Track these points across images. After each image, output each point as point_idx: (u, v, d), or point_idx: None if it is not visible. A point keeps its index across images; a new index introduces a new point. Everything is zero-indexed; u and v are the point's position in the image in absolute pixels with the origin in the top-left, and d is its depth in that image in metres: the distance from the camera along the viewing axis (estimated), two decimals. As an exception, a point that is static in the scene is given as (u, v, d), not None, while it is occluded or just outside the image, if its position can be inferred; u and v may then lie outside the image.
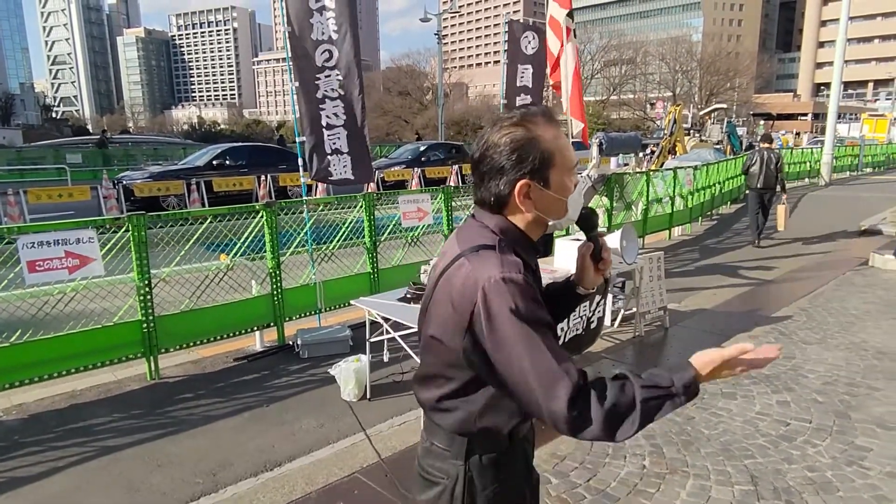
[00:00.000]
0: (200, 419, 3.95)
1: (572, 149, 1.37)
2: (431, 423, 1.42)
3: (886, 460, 3.20)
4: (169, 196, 12.64)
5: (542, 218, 1.36)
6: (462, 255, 1.29)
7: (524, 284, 1.21)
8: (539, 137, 1.30)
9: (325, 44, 4.85)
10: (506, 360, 1.21)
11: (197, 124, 78.45)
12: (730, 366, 1.22)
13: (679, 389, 1.18)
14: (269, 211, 4.97)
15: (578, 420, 1.15)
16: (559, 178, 1.32)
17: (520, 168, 1.29)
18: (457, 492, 1.36)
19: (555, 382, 1.16)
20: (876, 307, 6.06)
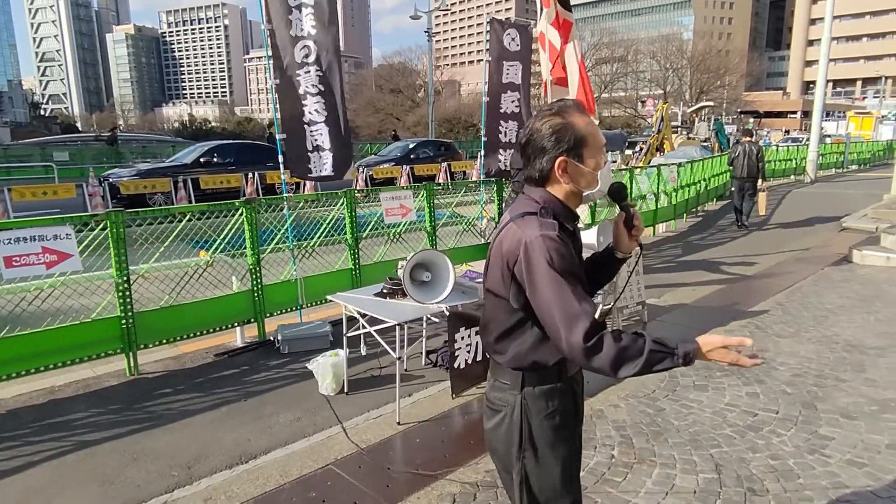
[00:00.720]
0: (178, 414, 3.99)
1: (601, 132, 1.67)
2: (495, 364, 1.76)
3: (847, 448, 3.28)
4: (156, 194, 12.62)
5: (578, 189, 1.66)
6: (511, 220, 1.64)
7: (557, 241, 1.53)
8: (573, 123, 1.62)
9: (304, 40, 4.88)
10: (540, 301, 1.54)
11: (188, 122, 77.97)
12: (726, 353, 1.47)
13: (679, 354, 1.46)
14: (249, 208, 5.00)
15: (592, 350, 1.46)
16: (591, 155, 1.63)
17: (558, 147, 1.61)
18: (514, 416, 1.69)
19: (576, 319, 1.48)
20: (851, 302, 6.17)
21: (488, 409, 1.79)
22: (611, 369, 1.47)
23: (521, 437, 1.69)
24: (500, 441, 1.75)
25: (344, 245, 5.94)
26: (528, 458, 1.71)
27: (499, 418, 1.74)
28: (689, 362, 1.48)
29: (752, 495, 2.89)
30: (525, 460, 1.71)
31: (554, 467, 1.72)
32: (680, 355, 1.46)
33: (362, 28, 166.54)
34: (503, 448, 1.75)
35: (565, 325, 1.49)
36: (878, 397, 3.88)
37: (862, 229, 10.54)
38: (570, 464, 1.76)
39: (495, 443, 1.77)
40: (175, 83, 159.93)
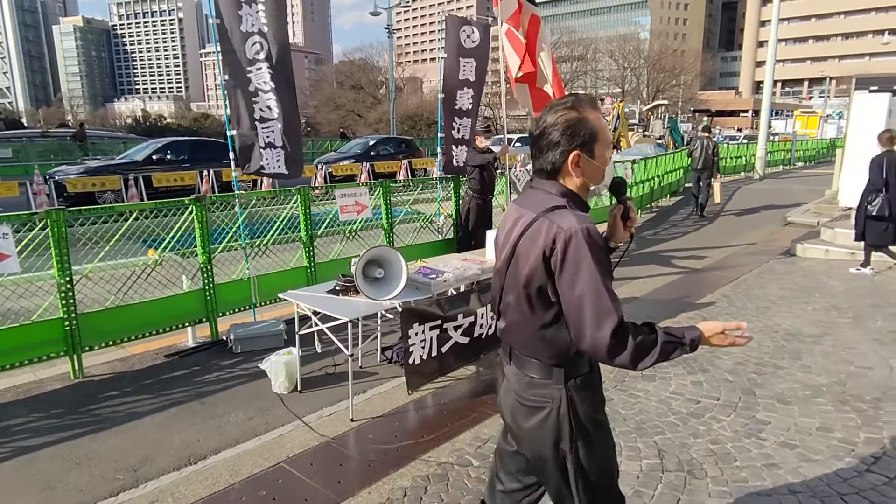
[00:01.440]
0: (125, 416, 3.90)
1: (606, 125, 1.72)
2: (528, 361, 1.75)
3: (781, 432, 3.44)
4: (105, 192, 12.21)
5: (587, 183, 1.70)
6: (538, 217, 1.63)
7: (598, 233, 1.58)
8: (587, 118, 1.65)
9: (256, 36, 4.80)
10: (573, 294, 1.56)
11: (141, 118, 75.47)
12: (724, 337, 1.61)
13: (687, 342, 1.58)
14: (199, 206, 4.91)
15: (616, 348, 1.52)
16: (601, 151, 1.68)
17: (573, 141, 1.64)
18: (562, 410, 1.70)
19: (606, 316, 1.52)
20: (791, 293, 6.44)
21: (525, 409, 1.75)
22: (630, 363, 1.54)
23: (571, 429, 1.70)
24: (547, 437, 1.72)
25: (299, 243, 5.89)
26: (581, 447, 1.72)
27: (543, 415, 1.72)
28: (695, 348, 1.60)
29: (691, 479, 3.00)
30: (579, 450, 1.72)
31: (606, 451, 1.80)
32: (688, 343, 1.58)
33: (322, 23, 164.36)
34: (550, 443, 1.72)
35: (594, 320, 1.52)
36: (812, 383, 4.08)
37: (805, 223, 11.01)
38: (612, 447, 1.84)
39: (540, 439, 1.74)
40: (127, 78, 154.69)
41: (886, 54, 60.79)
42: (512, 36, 7.05)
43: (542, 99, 7.39)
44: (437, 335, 4.05)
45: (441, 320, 4.06)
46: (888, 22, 70.10)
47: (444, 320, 4.07)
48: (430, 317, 3.98)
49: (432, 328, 4.01)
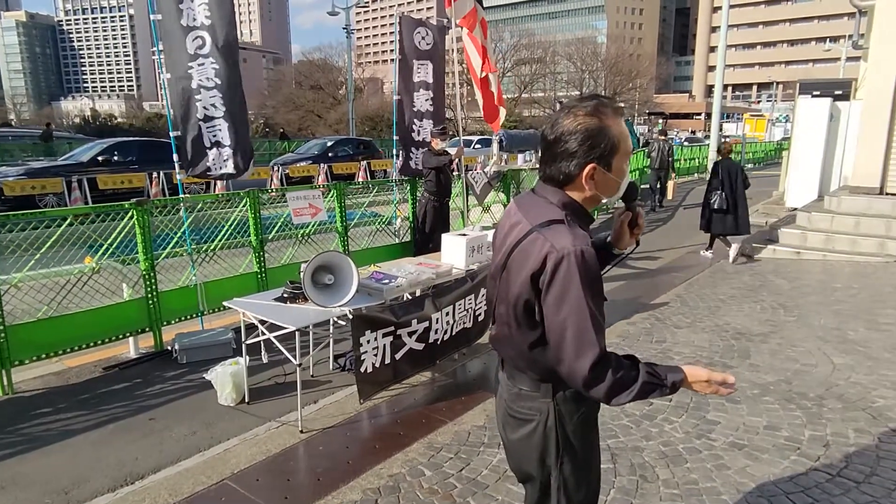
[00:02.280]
0: (57, 435, 3.67)
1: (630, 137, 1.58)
2: (517, 373, 1.68)
3: (730, 432, 3.49)
4: (46, 195, 11.63)
5: (599, 196, 1.57)
6: (533, 230, 1.51)
7: (592, 256, 1.45)
8: (609, 127, 1.50)
9: (197, 30, 4.61)
10: (557, 318, 1.46)
11: (90, 117, 72.64)
12: (706, 386, 1.52)
13: (668, 384, 1.49)
14: (141, 210, 4.69)
15: (594, 381, 1.44)
16: (620, 163, 1.55)
17: (590, 154, 1.50)
18: (549, 423, 1.63)
19: (587, 348, 1.43)
20: (741, 292, 6.60)
21: (513, 420, 1.71)
22: (605, 397, 1.46)
23: (558, 444, 1.64)
24: (533, 450, 1.68)
25: (249, 247, 5.70)
26: (566, 463, 1.67)
27: (530, 428, 1.66)
28: (675, 390, 1.52)
29: (643, 482, 3.00)
30: (563, 466, 1.67)
31: (591, 468, 1.73)
32: (668, 385, 1.49)
33: (281, 23, 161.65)
34: (536, 457, 1.68)
35: (575, 349, 1.45)
36: (759, 381, 4.16)
37: (754, 224, 11.34)
38: (598, 459, 1.78)
39: (526, 453, 1.70)
40: (75, 75, 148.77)
41: (828, 60, 63.49)
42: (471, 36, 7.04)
43: (489, 98, 7.40)
44: (390, 342, 3.96)
45: (394, 326, 3.96)
46: (830, 30, 73.36)
47: (397, 326, 3.98)
48: (383, 323, 3.89)
49: (385, 335, 3.91)
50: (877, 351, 4.67)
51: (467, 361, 4.84)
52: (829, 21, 77.79)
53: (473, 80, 7.48)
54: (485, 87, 7.40)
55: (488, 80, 7.41)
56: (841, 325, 5.30)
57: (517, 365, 1.68)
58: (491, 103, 7.53)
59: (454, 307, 4.36)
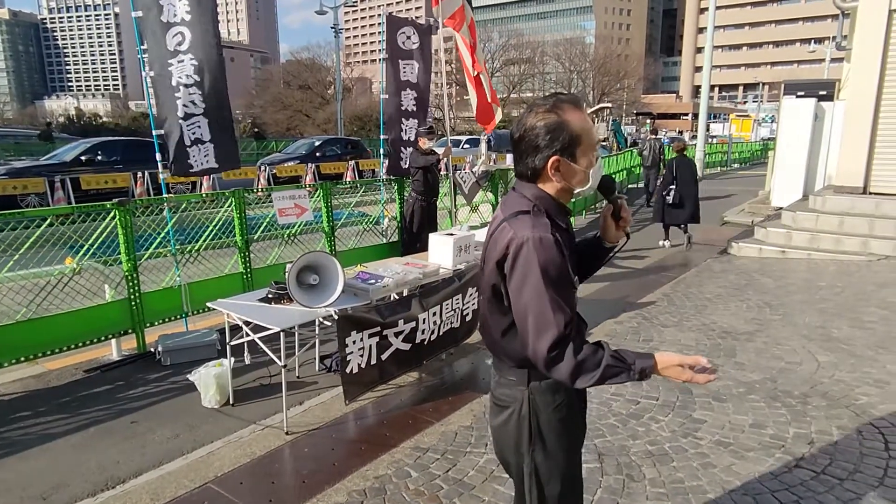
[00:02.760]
0: (37, 439, 3.60)
1: (594, 130, 1.66)
2: (499, 361, 1.76)
3: (716, 430, 3.49)
4: (28, 195, 11.47)
5: (570, 187, 1.64)
6: (504, 220, 1.61)
7: (550, 242, 1.52)
8: (568, 121, 1.57)
9: (178, 26, 4.53)
10: (519, 302, 1.55)
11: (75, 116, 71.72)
12: (681, 371, 1.52)
13: (636, 369, 1.51)
14: (123, 210, 4.62)
15: (553, 362, 1.50)
16: (584, 154, 1.61)
17: (552, 146, 1.58)
18: (523, 411, 1.69)
19: (546, 328, 1.49)
20: (727, 291, 6.64)
21: (494, 406, 1.79)
22: (568, 379, 1.51)
23: (530, 432, 1.70)
24: (510, 437, 1.74)
25: (234, 248, 5.64)
26: (537, 451, 1.71)
27: (506, 415, 1.73)
28: (645, 377, 1.52)
29: (630, 482, 3.00)
30: (535, 454, 1.72)
31: (562, 459, 1.74)
32: (636, 371, 1.51)
33: (268, 22, 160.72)
34: (512, 443, 1.74)
35: (535, 331, 1.51)
36: (745, 380, 4.18)
37: (740, 223, 11.45)
38: (576, 454, 1.80)
39: (504, 439, 1.77)
40: (59, 74, 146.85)
41: (812, 61, 64.31)
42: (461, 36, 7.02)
43: (482, 97, 7.40)
44: (376, 342, 3.92)
45: (380, 327, 3.93)
46: (814, 31, 74.21)
47: (383, 327, 3.95)
48: (369, 324, 3.85)
49: (371, 335, 3.88)
50: (860, 349, 4.71)
51: (454, 362, 4.82)
52: (813, 23, 78.75)
53: (468, 78, 7.45)
54: (478, 85, 7.39)
55: (480, 80, 7.40)
56: (825, 324, 5.34)
57: (496, 352, 1.76)
58: (484, 102, 7.51)
59: (441, 307, 4.34)
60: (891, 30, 8.38)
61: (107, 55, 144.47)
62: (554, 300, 1.50)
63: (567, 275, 1.55)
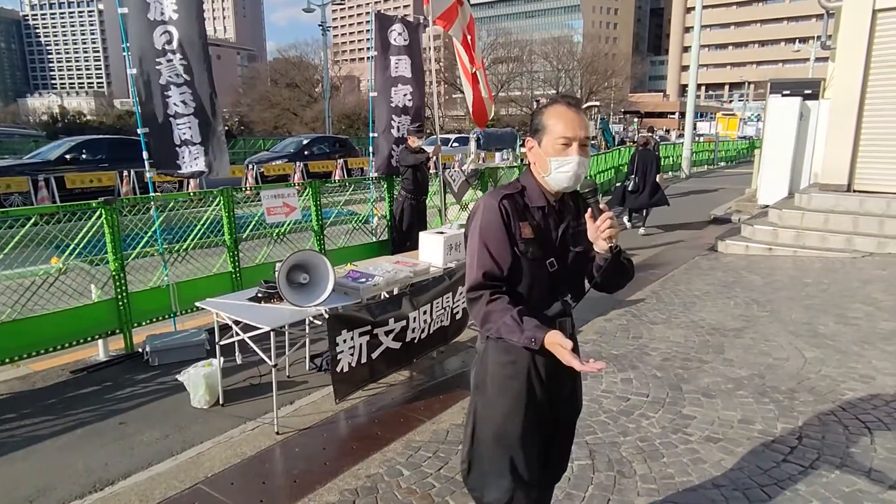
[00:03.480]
0: (22, 441, 3.55)
1: (570, 123, 1.76)
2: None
3: (706, 426, 3.52)
4: (11, 194, 11.30)
5: (540, 171, 1.83)
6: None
7: (493, 207, 1.77)
8: (544, 112, 1.80)
9: (164, 24, 4.49)
10: (467, 250, 1.85)
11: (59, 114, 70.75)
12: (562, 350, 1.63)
13: (527, 335, 1.66)
14: (109, 209, 4.56)
15: (470, 303, 1.79)
16: (549, 144, 1.77)
17: (530, 129, 1.85)
18: (481, 360, 1.94)
19: (471, 273, 1.79)
20: (715, 288, 6.69)
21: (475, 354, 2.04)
22: (479, 324, 1.77)
23: (479, 378, 1.94)
24: (470, 380, 1.99)
25: (223, 247, 5.59)
26: (479, 397, 1.94)
27: (474, 360, 2.00)
28: (532, 345, 1.67)
29: (621, 478, 3.01)
30: (477, 399, 1.95)
31: (499, 416, 1.89)
32: (527, 336, 1.66)
33: (255, 19, 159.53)
34: (471, 387, 1.99)
35: (467, 274, 1.81)
36: (734, 376, 4.22)
37: (727, 220, 11.53)
38: (515, 419, 1.89)
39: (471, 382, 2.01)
40: (42, 72, 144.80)
41: (797, 61, 64.94)
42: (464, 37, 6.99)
43: (478, 95, 7.40)
44: (366, 341, 3.91)
45: (371, 326, 3.92)
46: (799, 31, 75.00)
47: (374, 326, 3.94)
48: (359, 322, 3.84)
49: (361, 334, 3.87)
50: (846, 344, 4.77)
51: (445, 360, 4.82)
52: (798, 22, 79.59)
53: (465, 76, 7.42)
54: (475, 83, 7.37)
55: (477, 77, 7.39)
56: (812, 320, 5.40)
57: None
58: (480, 100, 7.50)
59: (432, 305, 4.33)
60: (875, 29, 8.49)
61: (91, 52, 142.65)
62: (482, 253, 1.76)
63: (501, 236, 1.76)
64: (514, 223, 1.77)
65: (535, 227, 1.80)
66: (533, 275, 1.80)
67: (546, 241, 1.81)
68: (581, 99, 33.40)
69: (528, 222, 1.79)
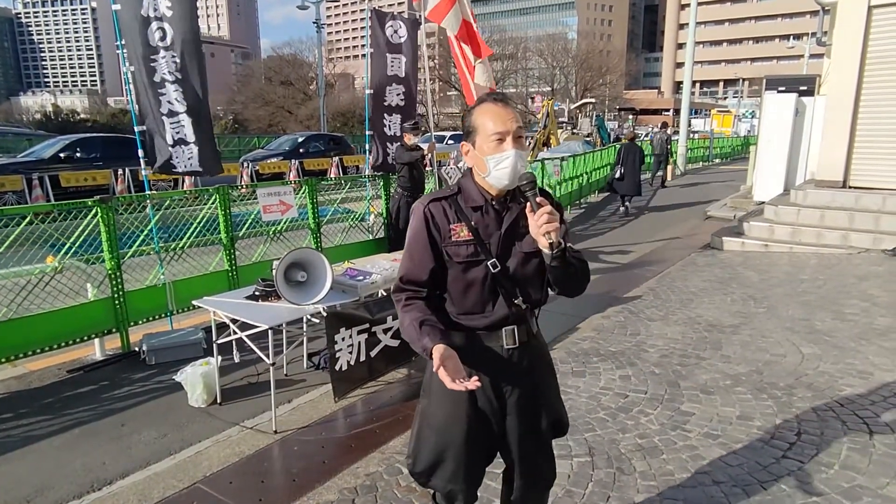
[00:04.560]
0: (18, 441, 3.53)
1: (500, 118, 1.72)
2: None
3: (705, 422, 3.53)
4: (5, 193, 11.22)
5: (479, 173, 1.79)
6: None
7: (419, 212, 1.80)
8: (472, 112, 1.79)
9: (157, 21, 4.45)
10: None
11: (52, 113, 70.29)
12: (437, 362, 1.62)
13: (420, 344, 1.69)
14: (105, 207, 4.53)
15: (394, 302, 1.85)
16: (481, 141, 1.74)
17: (464, 134, 1.82)
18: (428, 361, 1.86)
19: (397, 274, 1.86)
20: (711, 284, 6.70)
21: None
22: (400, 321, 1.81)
23: (426, 380, 1.96)
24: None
25: (219, 245, 5.57)
26: (424, 398, 1.95)
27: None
28: (426, 354, 1.67)
29: (620, 475, 3.01)
30: (423, 400, 1.95)
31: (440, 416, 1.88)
32: (420, 345, 1.69)
33: (249, 17, 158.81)
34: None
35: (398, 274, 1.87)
36: (732, 372, 4.22)
37: (723, 217, 11.56)
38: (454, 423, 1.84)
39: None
40: (35, 70, 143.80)
41: (791, 57, 65.09)
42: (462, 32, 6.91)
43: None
44: (365, 339, 3.91)
45: (369, 324, 3.92)
46: (793, 28, 75.13)
47: (372, 323, 3.93)
48: (358, 320, 3.84)
49: (360, 332, 3.86)
50: (843, 340, 4.79)
51: (444, 357, 4.80)
52: (792, 19, 79.80)
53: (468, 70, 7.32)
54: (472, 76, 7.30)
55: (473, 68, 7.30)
56: (808, 316, 5.42)
57: None
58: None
59: (430, 303, 4.32)
60: (870, 25, 8.51)
61: (84, 51, 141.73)
62: (405, 257, 1.82)
63: (423, 242, 1.77)
64: (443, 227, 1.75)
65: (472, 228, 1.75)
66: (470, 277, 1.76)
67: (485, 241, 1.75)
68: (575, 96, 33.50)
69: (463, 223, 1.75)
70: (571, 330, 5.22)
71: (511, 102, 1.78)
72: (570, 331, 5.20)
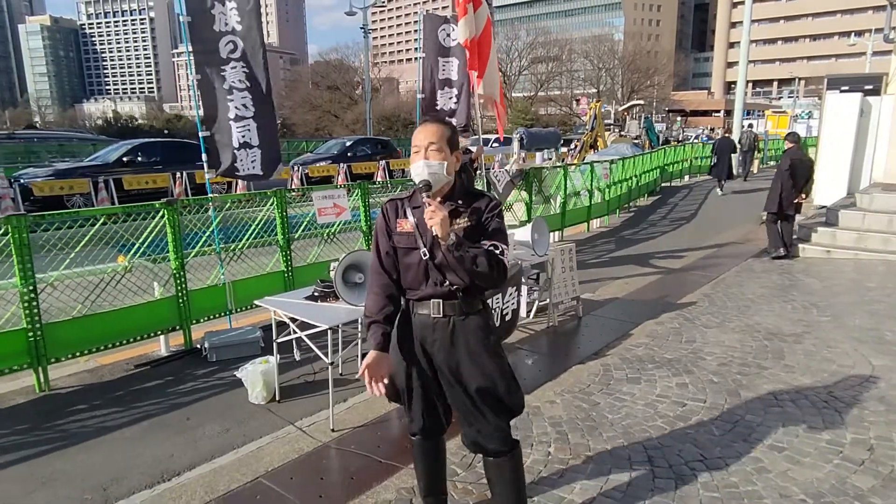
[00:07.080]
0: (93, 431, 3.72)
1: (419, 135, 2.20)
2: None
3: (768, 434, 3.41)
4: (74, 195, 11.83)
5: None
6: None
7: (380, 211, 2.31)
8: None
9: (229, 35, 4.66)
10: None
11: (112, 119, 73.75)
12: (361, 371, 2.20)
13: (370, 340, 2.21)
14: (171, 209, 4.73)
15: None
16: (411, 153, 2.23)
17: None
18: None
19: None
20: (770, 291, 6.48)
21: None
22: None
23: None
24: None
25: (276, 246, 5.73)
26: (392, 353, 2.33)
27: None
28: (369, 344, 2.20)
29: (682, 485, 2.95)
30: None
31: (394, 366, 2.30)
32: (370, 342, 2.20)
33: (297, 24, 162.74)
34: None
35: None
36: (796, 383, 4.07)
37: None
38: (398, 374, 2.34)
39: None
40: (97, 78, 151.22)
41: (852, 55, 62.25)
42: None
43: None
44: (419, 341, 3.94)
45: (424, 325, 3.94)
46: (853, 24, 71.90)
47: (426, 325, 3.96)
48: (413, 322, 3.87)
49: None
50: (916, 352, 4.56)
51: (495, 361, 4.80)
52: (852, 15, 76.34)
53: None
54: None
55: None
56: (878, 326, 5.18)
57: None
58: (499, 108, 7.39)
59: (483, 306, 4.32)
60: (944, 21, 8.07)
61: (142, 59, 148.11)
62: (372, 244, 2.28)
63: (381, 234, 2.25)
64: (391, 221, 2.24)
65: (414, 224, 2.18)
66: (408, 262, 2.22)
67: (421, 234, 2.16)
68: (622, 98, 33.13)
69: (406, 219, 2.21)
70: (624, 336, 5.14)
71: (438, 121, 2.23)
72: (623, 337, 5.12)
